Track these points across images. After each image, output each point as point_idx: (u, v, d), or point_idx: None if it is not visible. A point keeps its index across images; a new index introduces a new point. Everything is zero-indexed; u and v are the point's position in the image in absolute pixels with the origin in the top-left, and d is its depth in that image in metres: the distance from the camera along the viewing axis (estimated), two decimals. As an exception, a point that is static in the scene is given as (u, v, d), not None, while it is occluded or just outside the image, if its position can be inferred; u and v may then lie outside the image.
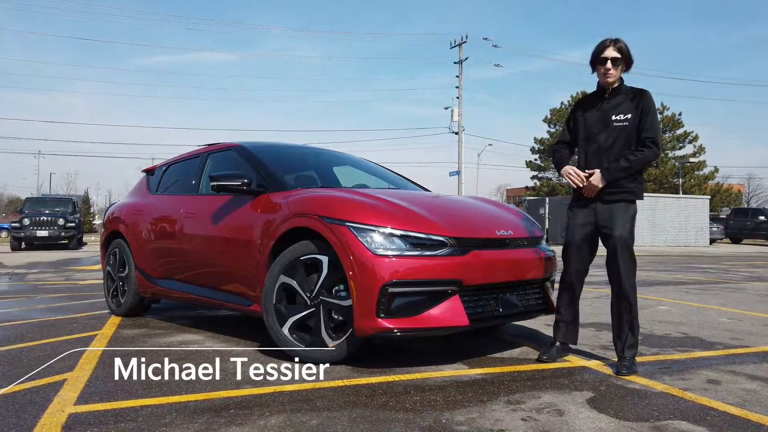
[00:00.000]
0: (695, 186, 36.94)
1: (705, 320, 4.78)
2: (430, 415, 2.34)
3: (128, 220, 5.01)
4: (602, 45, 3.16)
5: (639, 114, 3.11)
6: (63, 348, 3.63)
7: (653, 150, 3.08)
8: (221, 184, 3.68)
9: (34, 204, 20.39)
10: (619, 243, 3.07)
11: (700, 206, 26.27)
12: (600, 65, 3.16)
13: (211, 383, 2.80)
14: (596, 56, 3.17)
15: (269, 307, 3.29)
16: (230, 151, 4.37)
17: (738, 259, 15.33)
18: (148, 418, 2.29)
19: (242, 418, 2.29)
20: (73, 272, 9.76)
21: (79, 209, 22.49)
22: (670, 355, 3.48)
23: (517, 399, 2.56)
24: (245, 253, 3.62)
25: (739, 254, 18.73)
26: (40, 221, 18.11)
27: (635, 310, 3.10)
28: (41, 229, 18.04)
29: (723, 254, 18.56)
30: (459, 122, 30.65)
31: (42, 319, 4.75)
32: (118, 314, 4.94)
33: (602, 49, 3.15)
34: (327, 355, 3.12)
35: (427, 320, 2.95)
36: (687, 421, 2.29)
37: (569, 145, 3.41)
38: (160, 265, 4.58)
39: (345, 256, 3.00)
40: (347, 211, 3.13)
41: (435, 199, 3.77)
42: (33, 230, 17.96)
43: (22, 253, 16.27)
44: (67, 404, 2.48)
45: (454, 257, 3.05)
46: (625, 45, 3.15)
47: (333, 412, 2.36)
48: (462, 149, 30.77)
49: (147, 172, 5.44)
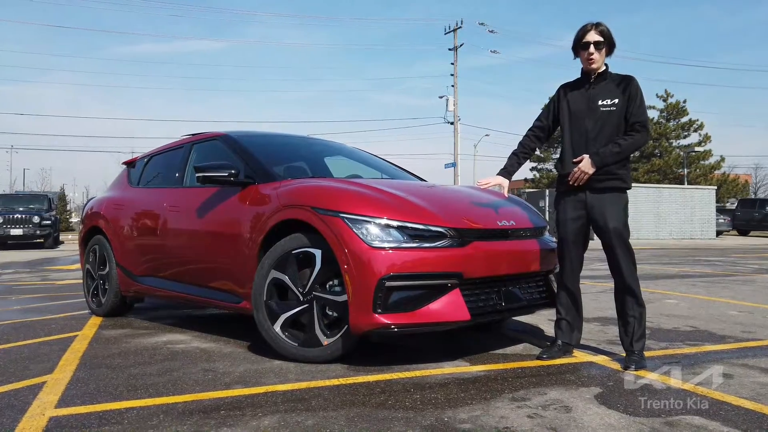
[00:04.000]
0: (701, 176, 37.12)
1: (714, 313, 4.81)
2: (432, 413, 2.34)
3: (108, 216, 4.97)
4: (583, 29, 3.17)
5: (626, 99, 3.13)
6: (41, 350, 3.60)
7: (643, 135, 3.11)
8: (207, 175, 3.65)
9: (7, 201, 20.23)
10: (615, 236, 3.08)
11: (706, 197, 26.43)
12: (582, 50, 3.17)
13: (199, 384, 2.78)
14: (578, 41, 3.18)
15: (260, 303, 3.27)
16: (216, 141, 4.34)
17: (746, 252, 15.44)
18: (134, 421, 2.28)
19: (234, 419, 2.27)
20: (49, 272, 9.69)
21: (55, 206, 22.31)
22: (679, 349, 3.50)
23: (521, 396, 2.56)
24: (233, 247, 3.60)
25: (747, 246, 18.88)
26: (13, 219, 17.95)
27: (641, 302, 3.11)
28: (15, 227, 17.88)
29: (730, 246, 18.70)
30: (454, 112, 30.69)
31: (18, 321, 4.71)
32: (99, 314, 4.90)
33: (584, 34, 3.16)
34: (321, 353, 3.11)
35: (426, 315, 2.94)
36: (700, 416, 2.29)
37: (543, 130, 3.43)
38: (143, 262, 4.55)
39: (339, 249, 2.98)
40: (341, 201, 3.11)
41: (433, 189, 3.76)
42: (6, 228, 17.81)
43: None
44: (48, 407, 2.45)
45: (453, 249, 3.04)
46: (607, 28, 3.17)
47: (329, 412, 2.35)
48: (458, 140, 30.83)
49: (128, 165, 5.40)
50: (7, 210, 18.66)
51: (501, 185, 3.44)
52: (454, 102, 30.69)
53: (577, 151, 3.18)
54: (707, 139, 38.54)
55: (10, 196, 22.12)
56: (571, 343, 3.31)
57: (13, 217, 17.99)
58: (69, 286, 7.35)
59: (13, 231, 17.86)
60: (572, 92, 3.28)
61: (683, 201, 25.73)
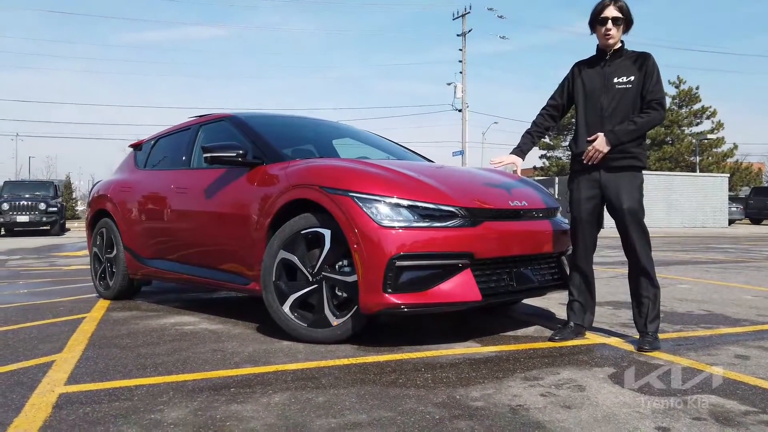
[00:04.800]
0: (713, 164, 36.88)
1: (729, 298, 4.78)
2: (443, 391, 2.33)
3: (115, 198, 4.98)
4: (602, 4, 3.12)
5: (642, 76, 3.08)
6: (50, 330, 3.62)
7: (660, 112, 3.06)
8: (215, 155, 3.64)
9: (13, 188, 20.32)
10: (630, 216, 3.05)
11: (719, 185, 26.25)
12: (600, 25, 3.12)
13: (208, 363, 2.79)
14: (596, 16, 3.14)
15: (268, 284, 3.27)
16: (223, 122, 4.33)
17: (759, 240, 15.34)
18: (144, 397, 2.28)
19: (244, 396, 2.28)
20: (56, 258, 9.74)
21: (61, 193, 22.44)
22: (694, 331, 3.48)
23: (534, 375, 2.55)
24: (241, 228, 3.60)
25: (760, 235, 18.75)
26: (20, 206, 18.05)
27: (656, 283, 3.09)
28: (21, 214, 17.98)
29: (743, 235, 18.58)
30: (462, 99, 30.54)
31: (26, 303, 4.74)
32: (106, 297, 4.93)
33: (602, 9, 3.11)
34: (331, 333, 3.11)
35: (436, 295, 2.93)
36: (716, 395, 2.28)
37: (557, 108, 3.38)
38: (150, 244, 4.56)
39: (349, 229, 2.97)
40: (350, 180, 3.10)
41: (443, 170, 3.73)
42: (12, 215, 17.90)
43: (1, 240, 16.25)
44: (57, 384, 2.47)
45: (464, 229, 3.02)
46: (626, 4, 3.13)
47: (340, 389, 2.35)
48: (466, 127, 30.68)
49: (134, 147, 5.40)
50: (13, 197, 18.75)
51: (514, 164, 3.41)
52: (462, 89, 30.52)
53: (592, 130, 3.15)
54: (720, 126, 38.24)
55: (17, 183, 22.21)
56: (584, 325, 3.29)
57: (19, 204, 18.08)
58: (76, 271, 7.39)
59: (19, 218, 17.95)
60: (587, 69, 3.24)
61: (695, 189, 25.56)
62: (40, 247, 12.59)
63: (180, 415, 2.08)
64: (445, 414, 2.08)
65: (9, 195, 19.13)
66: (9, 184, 21.07)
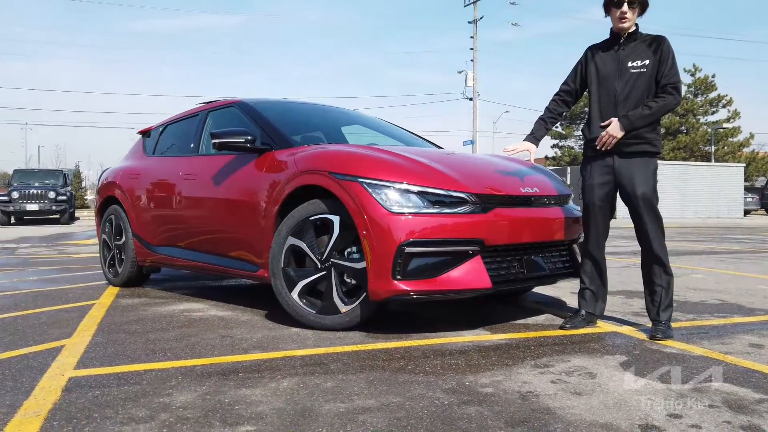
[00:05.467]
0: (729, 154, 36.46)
1: (743, 287, 4.74)
2: (453, 377, 2.33)
3: (124, 185, 5.00)
4: None
5: (657, 60, 3.05)
6: (59, 316, 3.66)
7: (675, 96, 3.03)
8: (223, 141, 3.64)
9: (22, 176, 20.51)
10: (643, 202, 3.03)
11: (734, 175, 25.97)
12: (615, 8, 3.08)
13: (217, 348, 2.81)
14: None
15: (277, 270, 3.28)
16: (232, 108, 4.33)
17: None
18: (152, 381, 2.30)
19: (252, 381, 2.29)
20: (66, 246, 9.82)
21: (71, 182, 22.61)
22: (707, 320, 3.45)
23: (544, 363, 2.55)
24: (250, 215, 3.61)
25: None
26: (29, 194, 18.22)
27: (669, 270, 3.07)
28: (31, 202, 18.16)
29: (759, 226, 18.40)
30: (473, 87, 30.35)
31: (36, 290, 4.78)
32: (115, 284, 4.96)
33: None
34: (339, 320, 3.12)
35: (446, 282, 2.93)
36: (730, 383, 2.26)
37: (570, 94, 3.35)
38: (159, 231, 4.58)
39: (358, 215, 2.97)
40: (360, 166, 3.09)
41: (454, 156, 3.72)
42: (22, 204, 18.09)
43: (11, 228, 16.42)
44: (67, 368, 2.49)
45: (475, 215, 3.01)
46: None
47: (348, 375, 2.36)
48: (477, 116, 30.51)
49: (143, 134, 5.41)
50: (23, 185, 18.92)
51: (528, 151, 3.38)
52: (473, 77, 30.33)
53: (605, 115, 3.12)
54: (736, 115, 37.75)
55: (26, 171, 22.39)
56: (595, 314, 3.28)
57: (29, 193, 18.26)
58: (85, 259, 7.45)
59: (29, 206, 18.13)
60: (601, 53, 3.20)
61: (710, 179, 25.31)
62: (49, 236, 12.70)
63: (188, 399, 2.09)
64: (454, 400, 2.08)
65: (18, 183, 19.31)
66: (18, 172, 21.25)
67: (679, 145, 36.25)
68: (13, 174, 21.17)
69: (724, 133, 36.45)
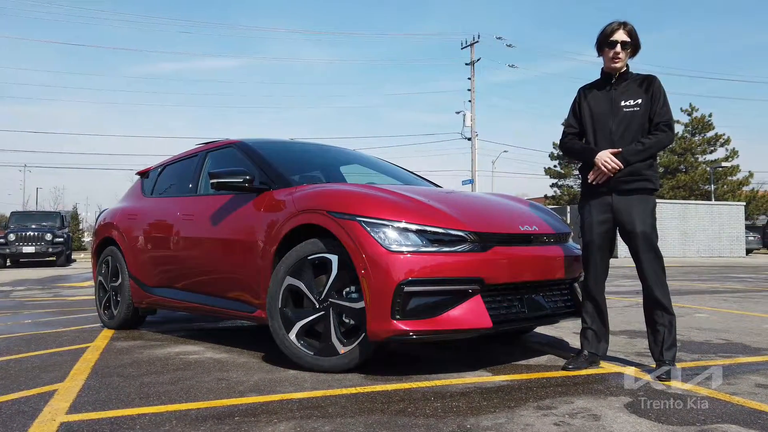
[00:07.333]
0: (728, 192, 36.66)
1: (748, 327, 4.70)
2: (453, 420, 2.29)
3: (121, 226, 5.01)
4: (611, 27, 3.15)
5: (649, 99, 3.10)
6: (52, 360, 3.61)
7: (668, 134, 3.08)
8: (221, 181, 3.66)
9: (19, 218, 20.56)
10: (642, 240, 3.03)
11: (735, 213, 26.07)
12: (609, 48, 3.15)
13: (212, 392, 2.77)
14: (605, 39, 3.16)
15: (274, 311, 3.26)
16: (230, 148, 4.37)
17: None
18: (146, 426, 2.26)
19: (248, 425, 2.25)
20: (61, 289, 9.77)
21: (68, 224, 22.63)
22: (712, 360, 3.42)
23: (547, 404, 2.51)
24: (248, 255, 3.60)
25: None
26: (26, 236, 18.21)
27: (671, 310, 3.05)
28: (27, 244, 18.13)
29: (762, 265, 18.36)
30: (472, 127, 30.72)
31: (29, 333, 4.74)
32: (110, 327, 4.92)
33: (611, 32, 3.14)
34: (338, 362, 3.08)
35: (446, 322, 2.90)
36: (737, 425, 2.22)
37: (578, 135, 3.36)
38: (155, 272, 4.57)
39: (356, 254, 2.96)
40: (358, 205, 3.10)
41: (452, 194, 3.74)
42: (19, 246, 18.05)
43: (7, 271, 16.34)
44: (59, 413, 2.45)
45: (474, 254, 3.01)
46: (634, 28, 3.17)
47: (347, 419, 2.32)
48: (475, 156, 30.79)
49: (141, 175, 5.45)
50: (19, 227, 18.95)
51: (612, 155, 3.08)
52: (471, 117, 30.73)
53: None
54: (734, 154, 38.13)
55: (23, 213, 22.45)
56: (598, 354, 3.24)
57: (25, 235, 18.25)
58: (81, 302, 7.40)
59: (25, 248, 18.10)
60: (593, 93, 3.26)
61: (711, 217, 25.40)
62: (45, 278, 12.64)
63: (182, 444, 2.05)
64: (456, 443, 2.04)
65: (15, 225, 19.33)
66: (15, 214, 21.31)
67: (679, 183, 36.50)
68: (10, 216, 21.24)
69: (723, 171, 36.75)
